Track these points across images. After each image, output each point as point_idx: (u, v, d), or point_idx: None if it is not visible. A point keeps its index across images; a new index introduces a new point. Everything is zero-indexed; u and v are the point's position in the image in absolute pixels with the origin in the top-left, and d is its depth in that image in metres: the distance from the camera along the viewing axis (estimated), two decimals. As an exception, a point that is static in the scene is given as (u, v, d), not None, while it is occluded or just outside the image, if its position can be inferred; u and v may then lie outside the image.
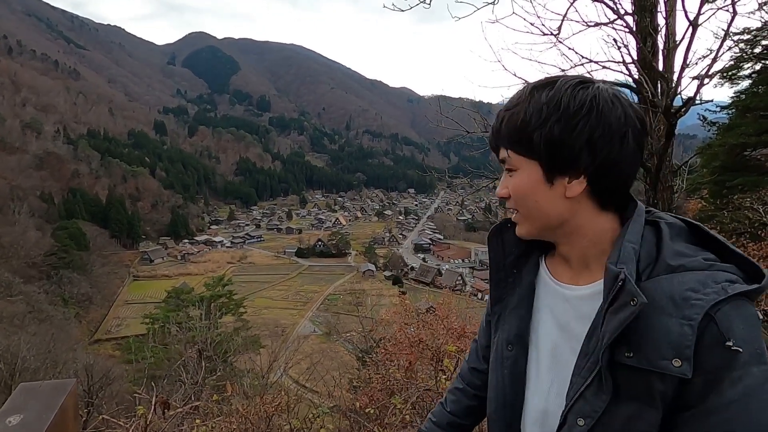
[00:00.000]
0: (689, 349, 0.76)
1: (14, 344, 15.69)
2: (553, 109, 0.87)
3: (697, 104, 3.90)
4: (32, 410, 1.12)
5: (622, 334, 0.81)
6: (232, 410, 3.98)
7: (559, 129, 0.86)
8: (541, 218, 0.94)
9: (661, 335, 0.79)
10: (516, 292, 1.08)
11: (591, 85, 0.89)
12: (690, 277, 0.81)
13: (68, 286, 58.98)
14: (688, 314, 0.78)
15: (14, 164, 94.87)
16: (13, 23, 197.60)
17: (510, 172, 0.94)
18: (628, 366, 0.82)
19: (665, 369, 0.78)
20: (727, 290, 0.78)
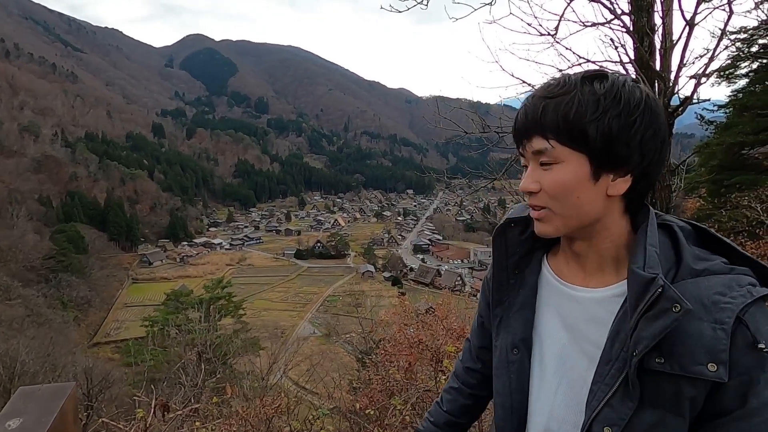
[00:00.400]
0: (725, 353, 0.76)
1: (13, 348, 15.65)
2: (612, 102, 0.84)
3: (694, 103, 3.92)
4: (32, 414, 1.12)
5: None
6: (232, 412, 3.98)
7: (618, 124, 0.83)
8: (577, 216, 0.90)
9: (694, 340, 0.78)
10: (519, 293, 1.05)
11: (640, 84, 0.87)
12: (715, 281, 0.81)
13: (67, 290, 58.86)
14: (719, 318, 0.77)
15: (12, 168, 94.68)
16: (10, 26, 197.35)
17: (547, 165, 0.88)
18: (658, 372, 0.81)
19: (700, 374, 0.77)
20: (752, 293, 0.79)
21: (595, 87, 0.85)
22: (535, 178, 0.90)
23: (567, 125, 0.85)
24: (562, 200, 0.88)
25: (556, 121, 0.85)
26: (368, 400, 4.17)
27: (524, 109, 0.90)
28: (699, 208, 11.54)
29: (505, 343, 1.05)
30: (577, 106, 0.84)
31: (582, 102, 0.84)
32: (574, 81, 0.87)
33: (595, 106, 0.84)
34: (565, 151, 0.86)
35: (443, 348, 4.95)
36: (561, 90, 0.86)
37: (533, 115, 0.88)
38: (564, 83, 0.87)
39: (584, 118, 0.84)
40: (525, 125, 0.90)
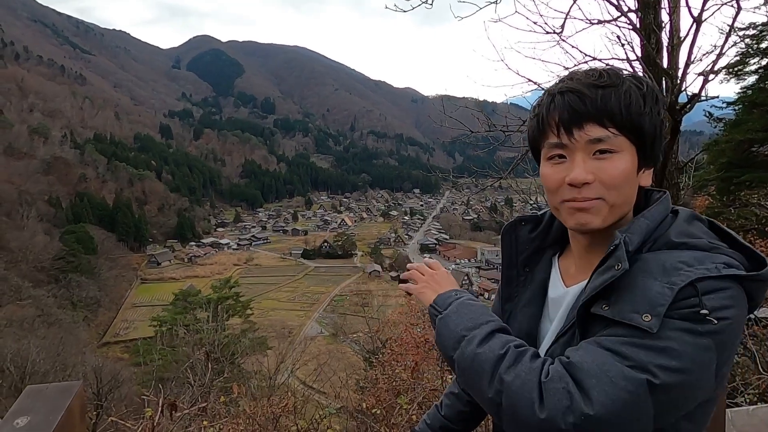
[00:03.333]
0: (662, 308, 0.76)
1: (24, 348, 15.84)
2: (653, 98, 0.87)
3: (702, 100, 3.89)
4: (39, 412, 1.15)
5: (603, 291, 0.83)
6: (240, 412, 4.00)
7: (659, 120, 0.87)
8: (627, 206, 0.91)
9: (639, 293, 0.79)
10: (527, 290, 1.07)
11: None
12: (688, 254, 0.82)
13: (76, 290, 59.37)
14: (672, 280, 0.78)
15: (22, 169, 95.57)
16: (19, 30, 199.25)
17: (606, 153, 0.86)
18: (600, 317, 0.83)
19: (632, 321, 0.78)
20: (720, 270, 0.78)
21: (638, 82, 0.87)
22: (589, 168, 0.86)
23: (629, 115, 0.84)
24: (620, 190, 0.87)
25: (620, 109, 0.84)
26: (375, 400, 4.18)
27: (575, 96, 0.87)
28: (708, 206, 11.43)
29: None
30: (635, 98, 0.85)
31: (637, 95, 0.85)
32: (619, 74, 0.87)
33: (644, 101, 0.85)
34: (623, 141, 0.86)
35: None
36: (612, 80, 0.86)
37: (592, 102, 0.85)
38: (610, 75, 0.87)
39: (641, 110, 0.85)
40: (581, 112, 0.86)
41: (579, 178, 0.86)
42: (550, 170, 0.91)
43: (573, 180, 0.87)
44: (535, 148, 0.97)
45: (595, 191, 0.87)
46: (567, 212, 0.91)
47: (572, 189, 0.88)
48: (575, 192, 0.88)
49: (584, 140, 0.86)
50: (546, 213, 1.10)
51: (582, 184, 0.86)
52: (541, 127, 0.92)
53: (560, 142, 0.88)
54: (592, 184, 0.86)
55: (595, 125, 0.85)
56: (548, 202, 0.98)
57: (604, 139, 0.85)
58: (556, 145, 0.89)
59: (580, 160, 0.87)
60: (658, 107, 0.87)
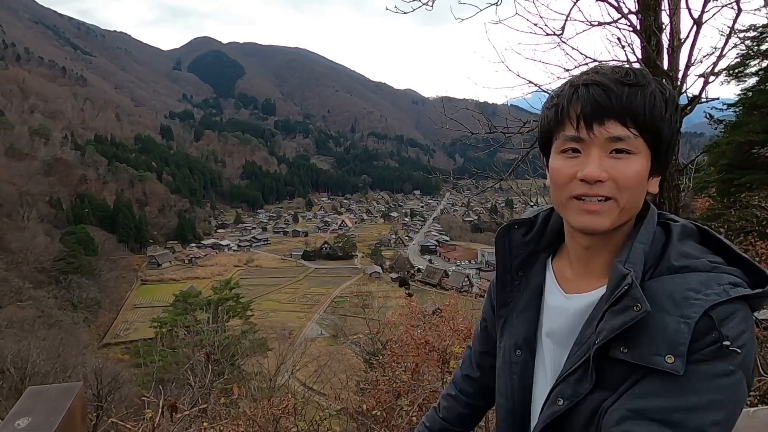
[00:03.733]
0: (684, 346, 0.75)
1: (24, 349, 15.84)
2: (673, 105, 0.84)
3: (702, 102, 3.89)
4: (40, 413, 1.16)
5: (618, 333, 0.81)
6: (240, 413, 4.00)
7: (676, 128, 0.85)
8: (631, 211, 0.88)
9: (657, 332, 0.78)
10: (523, 294, 1.05)
11: None
12: (692, 278, 0.80)
13: (77, 291, 59.37)
14: (686, 313, 0.76)
15: (23, 170, 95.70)
16: (20, 31, 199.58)
17: (623, 154, 0.83)
18: (619, 360, 0.81)
19: (658, 365, 0.77)
20: (728, 292, 0.77)
21: (660, 86, 0.84)
22: (604, 167, 0.83)
23: (651, 117, 0.82)
24: (632, 193, 0.84)
25: (644, 110, 0.81)
26: (375, 401, 4.18)
27: (600, 89, 0.83)
28: (709, 208, 11.44)
29: (509, 343, 1.05)
30: (659, 101, 0.82)
31: (661, 99, 0.82)
32: (645, 74, 0.84)
33: (665, 106, 0.83)
34: (641, 143, 0.83)
35: (450, 349, 4.95)
36: (638, 80, 0.83)
37: (618, 99, 0.82)
38: (637, 74, 0.84)
39: (663, 115, 0.82)
40: (604, 106, 0.82)
41: (593, 175, 0.83)
42: (562, 163, 0.87)
43: (587, 176, 0.83)
44: (547, 139, 0.92)
45: (606, 190, 0.84)
46: (575, 211, 0.87)
47: (583, 185, 0.85)
48: (586, 188, 0.84)
49: (603, 137, 0.83)
50: (539, 216, 1.07)
51: (595, 181, 0.83)
52: (559, 117, 0.87)
53: (578, 135, 0.85)
54: (605, 182, 0.83)
55: (617, 123, 0.82)
56: (553, 198, 0.92)
57: (624, 139, 0.82)
58: (572, 138, 0.86)
59: (596, 157, 0.83)
60: (677, 115, 0.85)
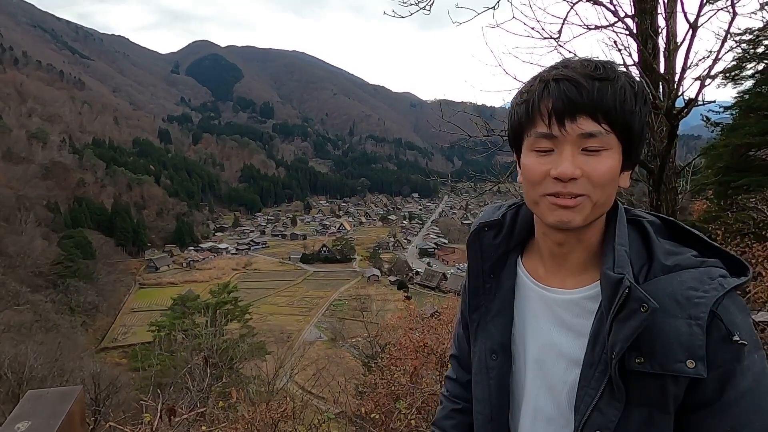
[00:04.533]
0: (701, 349, 0.76)
1: (22, 353, 15.79)
2: (643, 98, 0.83)
3: (699, 105, 3.91)
4: (40, 417, 1.15)
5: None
6: (238, 417, 3.99)
7: (645, 122, 0.85)
8: (604, 207, 0.87)
9: (671, 338, 0.78)
10: (495, 297, 1.03)
11: None
12: (687, 276, 0.81)
13: (75, 295, 59.15)
14: (694, 313, 0.77)
15: (21, 174, 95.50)
16: (18, 34, 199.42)
17: (594, 151, 0.82)
18: (639, 372, 0.80)
19: (680, 371, 0.77)
20: (723, 285, 0.79)
21: (628, 80, 0.82)
22: (577, 164, 0.82)
23: (622, 112, 0.80)
24: (605, 189, 0.84)
25: (615, 105, 0.80)
26: (374, 404, 4.18)
27: (571, 84, 0.81)
28: (706, 210, 11.48)
29: (484, 348, 1.03)
30: (629, 95, 0.81)
31: (631, 92, 0.81)
32: (614, 67, 0.83)
33: (635, 100, 0.81)
34: (613, 139, 0.82)
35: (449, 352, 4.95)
36: (608, 74, 0.81)
37: (589, 94, 0.80)
38: (606, 67, 0.82)
39: (633, 109, 0.81)
40: (576, 102, 0.80)
41: (567, 173, 0.81)
42: (534, 161, 0.85)
43: (561, 174, 0.82)
44: (518, 135, 0.90)
45: (580, 187, 0.82)
46: (548, 207, 0.85)
47: (557, 183, 0.83)
48: (560, 186, 0.83)
49: (576, 134, 0.81)
50: (506, 215, 1.05)
51: (569, 179, 0.82)
52: (530, 114, 0.85)
53: (550, 132, 0.83)
54: (579, 180, 0.82)
55: (589, 119, 0.80)
56: (526, 195, 0.91)
57: (596, 135, 0.81)
58: (544, 135, 0.83)
59: (569, 154, 0.82)
60: (647, 108, 0.84)
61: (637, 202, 5.53)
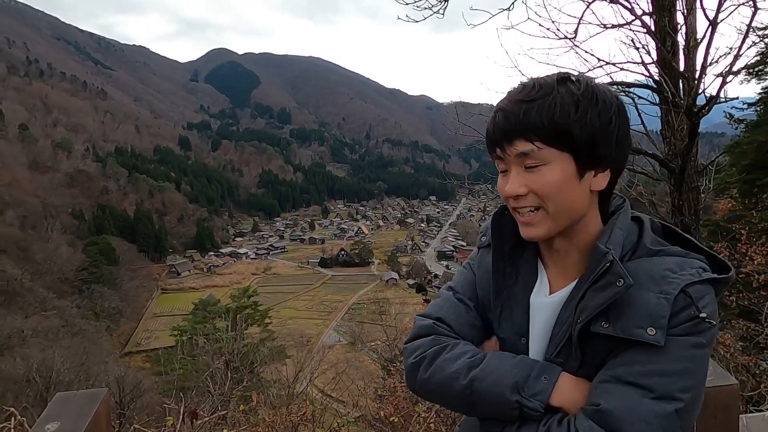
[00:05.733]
0: (664, 319, 0.81)
1: (49, 358, 16.16)
2: (590, 102, 0.88)
3: (721, 102, 3.83)
4: (68, 418, 1.21)
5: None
6: (259, 420, 4.02)
7: (599, 122, 0.88)
8: (568, 214, 0.92)
9: (639, 307, 0.83)
10: (517, 283, 1.06)
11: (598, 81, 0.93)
12: (668, 260, 0.88)
13: (99, 300, 60.36)
14: (665, 289, 0.83)
15: (47, 183, 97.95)
16: (43, 47, 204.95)
17: (533, 167, 0.89)
18: (601, 335, 0.86)
19: (640, 337, 0.82)
20: (701, 274, 0.85)
21: (571, 88, 0.88)
22: (522, 181, 0.91)
23: (553, 126, 0.87)
24: (555, 199, 0.90)
25: (542, 122, 0.87)
26: (393, 408, 4.17)
27: (503, 114, 0.91)
28: (730, 209, 11.21)
29: (511, 333, 1.05)
30: (560, 107, 0.87)
31: (564, 103, 0.87)
32: (550, 83, 0.89)
33: (576, 107, 0.87)
34: (551, 152, 0.88)
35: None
36: (539, 92, 0.88)
37: (515, 119, 0.88)
38: (540, 86, 0.89)
39: (568, 119, 0.86)
40: (505, 129, 0.90)
41: (511, 192, 0.92)
42: (500, 181, 0.96)
43: (507, 193, 0.93)
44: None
45: (531, 201, 0.91)
46: (518, 223, 0.97)
47: (511, 200, 0.94)
48: (514, 203, 0.93)
49: (514, 154, 0.90)
50: None
51: (515, 196, 0.91)
52: (488, 141, 0.96)
53: (499, 156, 0.93)
54: (527, 195, 0.91)
55: (522, 140, 0.88)
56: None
57: (529, 153, 0.88)
58: (498, 158, 0.94)
59: (515, 174, 0.91)
60: (598, 110, 0.88)
61: (658, 201, 5.43)
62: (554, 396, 0.91)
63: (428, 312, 1.14)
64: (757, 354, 4.90)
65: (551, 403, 0.90)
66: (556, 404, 0.90)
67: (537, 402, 0.90)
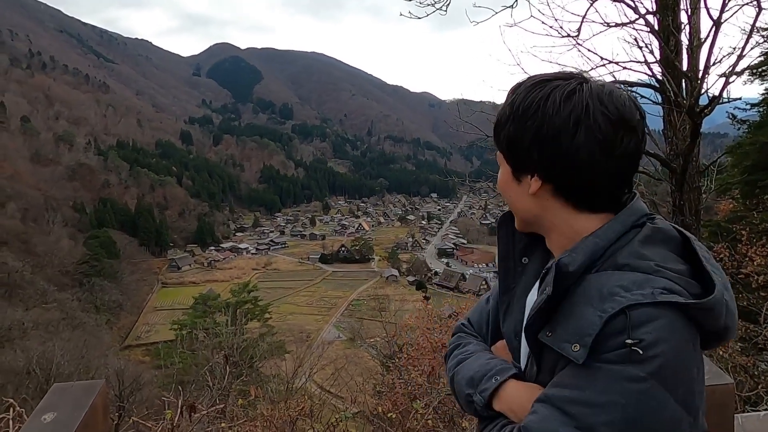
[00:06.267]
0: (589, 337, 0.77)
1: (49, 350, 16.22)
2: (510, 109, 0.92)
3: (723, 102, 3.82)
4: (64, 409, 1.22)
5: (547, 316, 0.87)
6: (257, 414, 4.04)
7: (513, 128, 0.91)
8: (516, 212, 1.00)
9: (574, 321, 0.82)
10: (522, 280, 1.06)
11: (549, 84, 0.88)
12: (628, 277, 0.81)
13: (100, 294, 60.49)
14: (604, 307, 0.78)
15: (48, 176, 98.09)
16: (46, 40, 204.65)
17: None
18: (546, 344, 0.87)
19: (564, 351, 0.81)
20: (656, 296, 0.76)
21: (507, 98, 0.94)
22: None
23: (495, 134, 0.97)
24: (505, 197, 1.01)
25: (493, 130, 0.98)
26: (391, 404, 4.18)
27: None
28: (731, 210, 11.19)
29: (510, 329, 1.06)
30: (501, 115, 0.94)
31: (504, 112, 0.94)
32: (514, 88, 0.95)
33: (502, 115, 0.94)
34: (500, 157, 0.98)
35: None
36: (505, 103, 0.95)
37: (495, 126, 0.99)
38: (512, 90, 0.95)
39: (499, 127, 0.95)
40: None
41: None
42: None
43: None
44: None
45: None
46: None
47: None
48: None
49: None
50: None
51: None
52: None
53: None
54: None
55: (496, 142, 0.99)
56: None
57: (496, 155, 1.00)
58: None
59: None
60: (525, 119, 0.88)
61: (659, 201, 5.42)
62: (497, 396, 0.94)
63: (467, 314, 1.26)
64: (756, 355, 4.91)
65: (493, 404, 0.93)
66: (495, 406, 0.93)
67: (480, 397, 0.95)
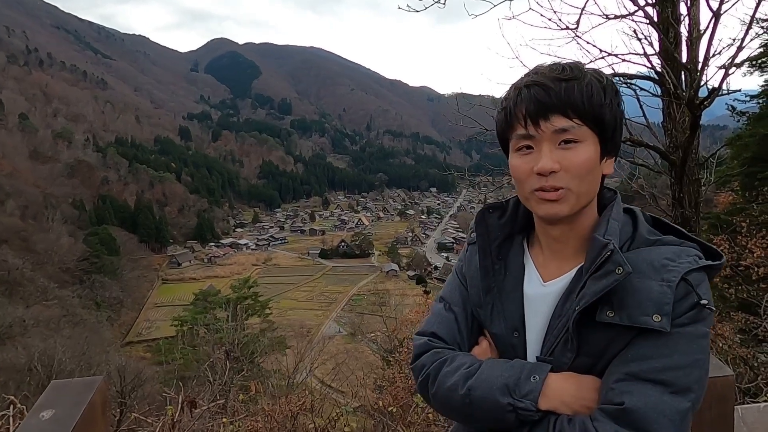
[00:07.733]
0: (668, 306, 0.83)
1: (50, 347, 16.22)
2: (612, 91, 0.93)
3: (723, 94, 3.80)
4: (63, 406, 1.21)
5: (602, 297, 0.87)
6: (258, 409, 4.05)
7: (619, 111, 0.94)
8: (589, 195, 0.95)
9: (642, 295, 0.85)
10: (506, 277, 1.07)
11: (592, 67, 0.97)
12: (666, 249, 0.90)
13: (100, 290, 60.59)
14: (666, 277, 0.85)
15: (47, 173, 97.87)
16: (43, 37, 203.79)
17: (570, 143, 0.91)
18: (602, 324, 0.88)
19: (646, 324, 0.84)
20: (698, 262, 0.87)
21: (596, 76, 0.93)
22: (555, 158, 0.91)
23: (591, 106, 0.90)
24: (585, 179, 0.92)
25: (582, 101, 0.89)
26: (392, 398, 4.19)
27: (540, 89, 0.91)
28: (731, 202, 11.19)
29: (503, 328, 1.05)
30: (596, 90, 0.90)
31: (598, 87, 0.91)
32: (580, 67, 0.93)
33: (604, 92, 0.91)
34: (586, 131, 0.91)
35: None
36: (574, 74, 0.91)
37: (557, 94, 0.90)
38: (572, 68, 0.92)
39: (601, 102, 0.91)
40: (546, 103, 0.90)
41: (547, 167, 0.90)
42: (519, 161, 0.95)
43: (541, 169, 0.91)
44: (504, 140, 1.01)
45: (561, 180, 0.91)
46: (537, 202, 0.95)
47: (540, 178, 0.92)
48: (543, 181, 0.92)
49: (550, 131, 0.90)
50: (510, 201, 1.12)
51: (549, 172, 0.91)
52: (508, 119, 0.96)
53: (527, 133, 0.92)
54: (559, 173, 0.91)
55: (560, 116, 0.90)
56: (518, 193, 1.02)
57: (568, 129, 0.90)
58: (523, 136, 0.94)
59: (547, 150, 0.91)
60: (618, 99, 0.94)
61: (659, 194, 5.41)
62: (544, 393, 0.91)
63: (423, 329, 1.16)
64: (756, 346, 4.92)
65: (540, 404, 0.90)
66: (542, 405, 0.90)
67: (528, 402, 0.91)
